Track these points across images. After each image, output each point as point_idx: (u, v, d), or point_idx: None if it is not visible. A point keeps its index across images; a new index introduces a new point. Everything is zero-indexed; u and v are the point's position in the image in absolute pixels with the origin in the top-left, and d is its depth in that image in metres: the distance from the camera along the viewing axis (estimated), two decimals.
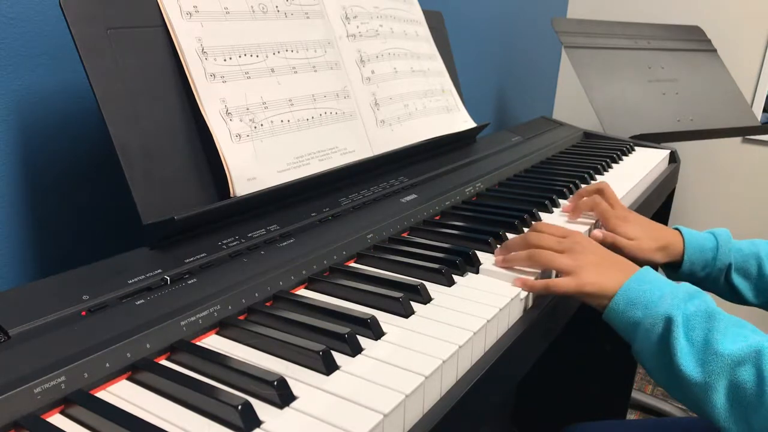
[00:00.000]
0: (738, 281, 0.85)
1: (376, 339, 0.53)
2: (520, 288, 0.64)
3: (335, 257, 0.67)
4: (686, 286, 0.63)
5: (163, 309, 0.52)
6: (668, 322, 0.59)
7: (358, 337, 0.52)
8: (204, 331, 0.54)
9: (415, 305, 0.59)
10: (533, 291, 0.65)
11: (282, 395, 0.44)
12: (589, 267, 0.65)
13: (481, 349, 0.56)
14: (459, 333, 0.54)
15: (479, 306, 0.59)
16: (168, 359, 0.51)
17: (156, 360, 0.49)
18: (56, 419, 0.43)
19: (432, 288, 0.62)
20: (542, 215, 0.88)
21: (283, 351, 0.50)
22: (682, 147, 1.93)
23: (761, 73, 1.92)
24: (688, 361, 0.57)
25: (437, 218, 0.84)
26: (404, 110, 0.95)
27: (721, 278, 0.85)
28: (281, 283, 0.61)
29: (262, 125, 0.71)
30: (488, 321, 0.57)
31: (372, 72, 0.90)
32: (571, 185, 1.00)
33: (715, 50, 1.72)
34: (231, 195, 0.67)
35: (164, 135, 0.64)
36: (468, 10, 1.59)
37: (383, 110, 0.90)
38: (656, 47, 1.64)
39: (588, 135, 1.46)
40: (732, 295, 0.87)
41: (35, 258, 0.74)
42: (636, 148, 1.35)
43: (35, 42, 0.71)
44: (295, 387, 0.45)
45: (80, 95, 0.76)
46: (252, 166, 0.69)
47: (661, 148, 1.35)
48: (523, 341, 0.61)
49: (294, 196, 0.75)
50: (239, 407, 0.41)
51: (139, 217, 0.60)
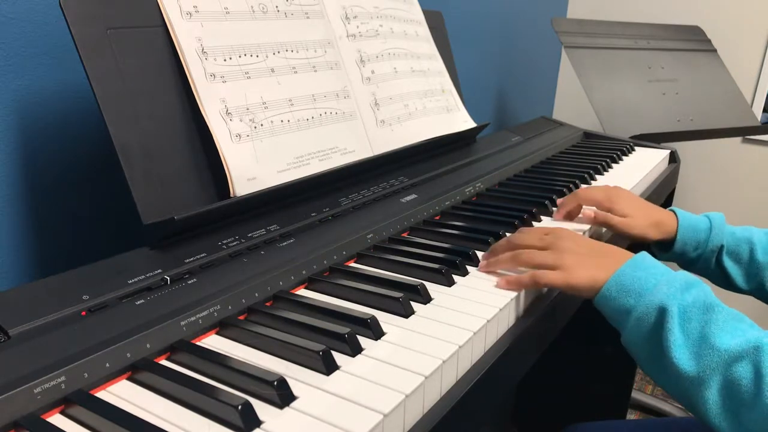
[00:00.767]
0: (729, 265, 0.84)
1: (376, 339, 0.53)
2: (505, 287, 0.63)
3: (335, 257, 0.67)
4: (684, 275, 0.60)
5: (163, 309, 0.52)
6: (662, 312, 0.56)
7: (358, 337, 0.52)
8: (204, 331, 0.54)
9: (415, 305, 0.59)
10: (522, 287, 0.63)
11: (282, 395, 0.44)
12: (574, 259, 0.63)
13: (481, 349, 0.56)
14: (459, 333, 0.54)
15: (479, 306, 0.59)
16: (168, 359, 0.51)
17: (156, 360, 0.49)
18: (56, 419, 0.43)
19: (432, 288, 0.62)
20: (542, 215, 0.88)
21: (283, 351, 0.50)
22: (682, 147, 1.93)
23: (761, 73, 1.92)
24: (682, 354, 0.55)
25: (437, 218, 0.84)
26: (404, 110, 0.95)
27: (713, 261, 0.85)
28: (281, 283, 0.61)
29: (262, 125, 0.71)
30: (488, 321, 0.57)
31: (372, 72, 0.90)
32: (571, 185, 0.99)
33: (715, 50, 1.72)
34: (231, 195, 0.67)
35: (164, 135, 0.64)
36: (468, 10, 1.59)
37: (383, 110, 0.90)
38: (656, 47, 1.64)
39: (588, 135, 1.46)
40: (723, 280, 0.86)
41: (35, 258, 0.74)
42: (636, 148, 1.35)
43: (35, 42, 0.71)
44: (295, 387, 0.45)
45: (80, 95, 0.76)
46: (252, 166, 0.69)
47: (661, 148, 1.35)
48: (523, 341, 0.61)
49: (294, 196, 0.75)
50: (239, 407, 0.41)
51: (139, 217, 0.60)
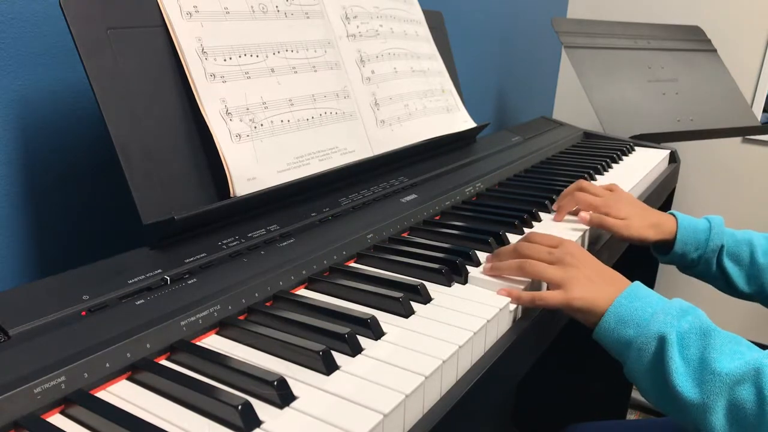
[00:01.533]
0: (730, 267, 0.84)
1: (376, 339, 0.53)
2: (506, 297, 0.62)
3: (335, 257, 0.67)
4: (678, 302, 0.60)
5: (163, 309, 0.52)
6: (662, 341, 0.56)
7: (358, 337, 0.52)
8: (204, 331, 0.54)
9: (415, 305, 0.59)
10: (520, 303, 0.62)
11: (282, 395, 0.44)
12: (580, 280, 0.62)
13: (481, 349, 0.56)
14: (459, 333, 0.54)
15: (479, 306, 0.59)
16: (168, 359, 0.51)
17: (156, 360, 0.49)
18: (56, 419, 0.43)
19: (432, 288, 0.62)
20: (542, 215, 0.88)
21: (283, 351, 0.50)
22: (682, 147, 1.93)
23: (761, 73, 1.92)
24: (684, 381, 0.55)
25: (437, 218, 0.84)
26: (404, 110, 0.95)
27: (714, 262, 0.84)
28: (281, 283, 0.61)
29: (262, 125, 0.71)
30: (488, 321, 0.57)
31: (372, 72, 0.90)
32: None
33: (715, 50, 1.72)
34: (231, 195, 0.67)
35: (164, 135, 0.64)
36: (468, 10, 1.59)
37: (383, 110, 0.90)
38: (656, 47, 1.64)
39: (588, 135, 1.46)
40: (724, 283, 0.86)
41: (35, 258, 0.74)
42: (636, 148, 1.35)
43: (35, 42, 0.71)
44: (295, 387, 0.45)
45: (80, 95, 0.76)
46: (252, 166, 0.69)
47: (661, 148, 1.35)
48: (523, 341, 0.61)
49: (294, 196, 0.75)
50: (239, 407, 0.41)
51: (139, 217, 0.60)
